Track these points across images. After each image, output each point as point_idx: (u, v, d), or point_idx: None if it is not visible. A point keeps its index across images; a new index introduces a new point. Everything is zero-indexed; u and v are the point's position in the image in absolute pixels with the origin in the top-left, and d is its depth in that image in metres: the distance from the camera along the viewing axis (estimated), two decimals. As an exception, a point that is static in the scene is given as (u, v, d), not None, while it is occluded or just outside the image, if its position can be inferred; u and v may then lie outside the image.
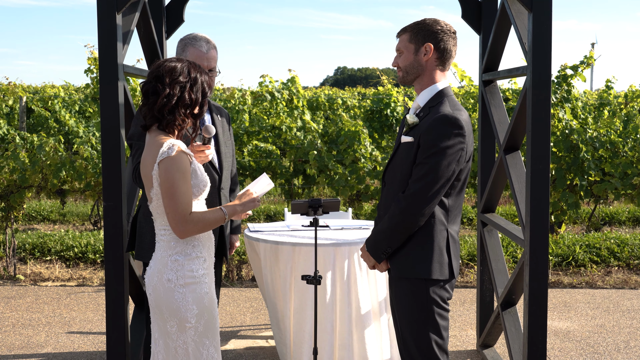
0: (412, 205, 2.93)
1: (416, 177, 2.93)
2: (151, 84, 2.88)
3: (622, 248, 7.44)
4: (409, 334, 3.04)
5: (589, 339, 5.30)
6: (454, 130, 2.92)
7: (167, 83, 2.85)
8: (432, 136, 2.92)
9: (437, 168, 2.90)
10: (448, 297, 3.07)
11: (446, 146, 2.90)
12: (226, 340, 5.30)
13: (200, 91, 2.93)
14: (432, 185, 2.91)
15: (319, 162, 7.70)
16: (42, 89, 16.17)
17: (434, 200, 2.93)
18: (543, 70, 3.70)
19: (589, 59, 7.29)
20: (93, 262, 7.51)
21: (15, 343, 5.23)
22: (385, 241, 3.04)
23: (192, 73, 2.91)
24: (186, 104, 2.88)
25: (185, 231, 2.83)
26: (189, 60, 2.96)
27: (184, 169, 2.81)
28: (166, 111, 2.85)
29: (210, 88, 3.02)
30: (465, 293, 6.63)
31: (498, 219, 4.66)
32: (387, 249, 3.04)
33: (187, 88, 2.88)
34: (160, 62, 2.93)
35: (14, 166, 7.13)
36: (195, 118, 2.95)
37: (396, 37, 3.17)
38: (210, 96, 3.10)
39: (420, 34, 3.07)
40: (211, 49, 3.72)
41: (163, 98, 2.83)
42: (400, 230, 2.98)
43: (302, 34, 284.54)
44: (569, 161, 7.26)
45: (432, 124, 2.94)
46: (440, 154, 2.90)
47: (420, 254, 2.99)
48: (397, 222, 2.98)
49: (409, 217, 2.94)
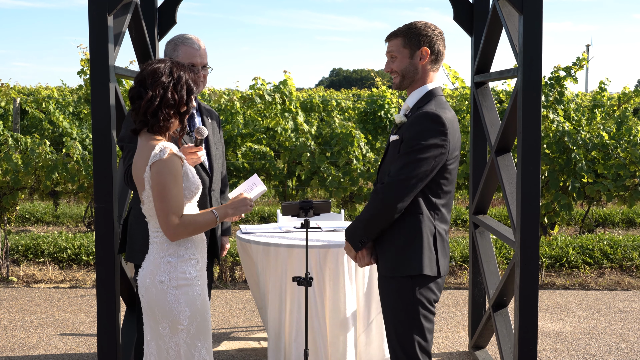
0: (387, 196, 2.95)
1: (394, 170, 2.97)
2: (135, 88, 2.89)
3: (615, 250, 7.46)
4: (393, 332, 3.06)
5: (581, 340, 5.31)
6: (435, 127, 2.94)
7: (149, 85, 2.85)
8: (412, 132, 2.96)
9: (414, 162, 2.92)
10: (435, 299, 3.07)
11: (425, 142, 2.92)
12: (218, 341, 5.30)
13: (184, 89, 2.92)
14: (408, 178, 2.92)
15: (312, 164, 7.70)
16: (36, 90, 16.13)
17: (409, 193, 2.94)
18: (534, 72, 3.71)
19: (582, 61, 7.31)
20: (86, 264, 7.49)
21: (7, 345, 5.22)
22: (362, 230, 3.06)
23: (174, 72, 2.90)
24: (170, 104, 2.88)
25: (176, 234, 2.84)
26: (171, 59, 2.96)
27: (175, 172, 2.81)
28: (149, 113, 2.85)
29: (197, 84, 3.01)
30: (458, 294, 6.64)
31: (490, 221, 4.66)
32: (363, 239, 3.07)
33: (170, 88, 2.87)
34: (144, 65, 2.94)
35: (6, 168, 7.12)
36: (182, 116, 2.95)
37: (385, 42, 3.18)
38: (198, 92, 3.10)
39: (415, 39, 3.09)
40: (202, 46, 3.77)
41: (146, 101, 2.84)
42: (376, 220, 3.01)
43: (297, 35, 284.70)
44: (561, 163, 7.27)
45: (413, 120, 2.98)
46: (419, 149, 2.92)
47: (409, 251, 3.00)
48: (372, 212, 3.01)
49: (385, 208, 2.96)
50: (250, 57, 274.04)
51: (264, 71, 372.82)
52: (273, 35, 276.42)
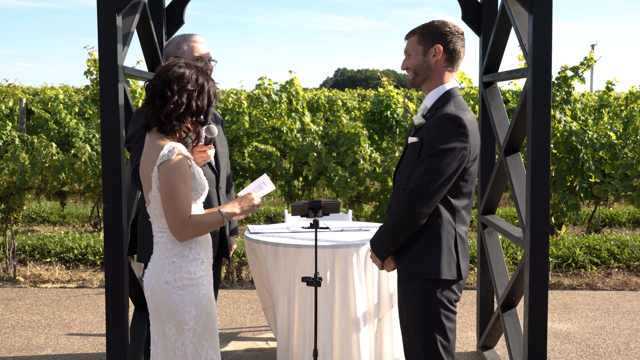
0: (411, 203, 2.92)
1: (416, 175, 2.94)
2: (158, 87, 2.86)
3: (622, 249, 7.44)
4: (414, 334, 3.03)
5: (589, 341, 5.29)
6: (456, 129, 2.91)
7: (175, 90, 2.84)
8: (433, 135, 2.92)
9: (437, 166, 2.89)
10: (455, 299, 3.05)
11: (447, 145, 2.89)
12: (226, 341, 5.30)
13: (206, 99, 2.93)
14: (431, 183, 2.90)
15: (319, 164, 7.70)
16: (42, 91, 16.15)
17: (433, 198, 2.92)
18: (543, 72, 3.70)
19: (589, 61, 7.29)
20: (93, 264, 7.50)
21: (15, 345, 5.22)
22: (387, 240, 3.04)
23: (199, 80, 2.91)
24: (193, 112, 2.89)
25: (185, 234, 2.83)
26: (197, 65, 2.96)
27: (184, 173, 2.80)
28: (173, 118, 2.85)
29: (216, 96, 3.02)
30: (466, 295, 6.63)
31: (498, 221, 4.65)
32: (389, 248, 3.04)
33: (195, 96, 2.88)
34: (168, 65, 2.91)
35: (13, 168, 7.13)
36: (200, 125, 2.96)
37: (404, 40, 3.17)
38: (215, 104, 3.11)
39: (429, 36, 3.07)
40: (204, 42, 3.84)
41: (171, 105, 2.83)
42: (401, 228, 2.98)
43: (301, 35, 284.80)
44: (569, 163, 7.25)
45: (434, 123, 2.95)
46: (441, 152, 2.89)
47: (428, 255, 2.98)
48: (397, 220, 2.98)
49: (409, 215, 2.94)
50: (254, 57, 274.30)
51: (267, 71, 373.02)
52: (276, 36, 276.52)
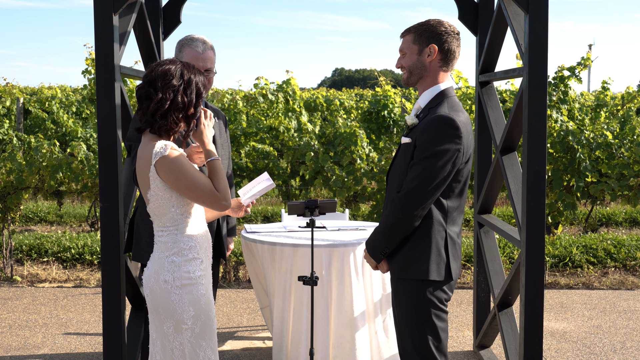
0: (406, 205, 2.93)
1: (411, 177, 2.94)
2: (144, 88, 2.87)
3: (619, 249, 7.46)
4: (407, 334, 3.04)
5: (586, 340, 5.31)
6: (450, 131, 2.91)
7: (159, 87, 2.84)
8: (426, 137, 2.92)
9: (430, 168, 2.89)
10: (446, 298, 3.05)
11: (441, 147, 2.89)
12: (223, 341, 5.30)
13: (194, 92, 2.92)
14: (426, 185, 2.90)
15: (316, 164, 7.70)
16: (39, 90, 16.14)
17: (428, 200, 2.92)
18: (539, 72, 3.71)
19: (586, 61, 7.30)
20: (90, 264, 7.50)
21: (12, 344, 5.22)
22: (383, 241, 3.04)
23: (185, 75, 2.90)
24: (179, 107, 2.87)
25: (226, 199, 2.87)
26: (182, 61, 2.95)
27: (182, 161, 2.82)
28: (158, 115, 2.84)
29: (205, 88, 3.01)
30: (462, 294, 6.64)
31: (495, 220, 4.66)
32: (385, 250, 3.04)
33: (181, 91, 2.87)
34: (154, 65, 2.92)
35: (10, 167, 7.13)
36: (189, 119, 2.95)
37: (400, 38, 3.17)
38: (206, 96, 3.10)
39: (424, 35, 3.06)
40: (207, 50, 3.73)
41: (156, 103, 2.83)
42: (396, 230, 2.98)
43: (299, 35, 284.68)
44: (565, 162, 7.27)
45: (427, 124, 2.94)
46: (435, 154, 2.89)
47: (418, 256, 2.98)
48: (392, 221, 2.98)
49: (403, 217, 2.94)
50: (251, 57, 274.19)
51: (265, 71, 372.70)
52: (274, 35, 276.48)
